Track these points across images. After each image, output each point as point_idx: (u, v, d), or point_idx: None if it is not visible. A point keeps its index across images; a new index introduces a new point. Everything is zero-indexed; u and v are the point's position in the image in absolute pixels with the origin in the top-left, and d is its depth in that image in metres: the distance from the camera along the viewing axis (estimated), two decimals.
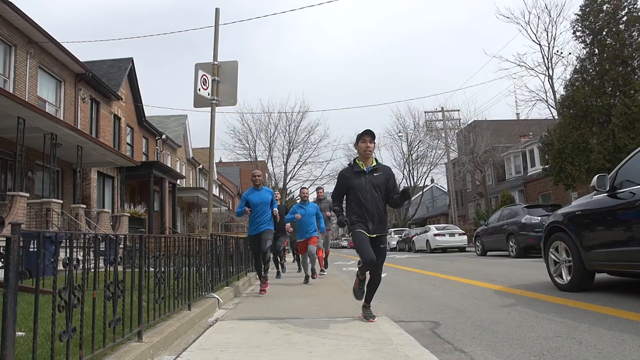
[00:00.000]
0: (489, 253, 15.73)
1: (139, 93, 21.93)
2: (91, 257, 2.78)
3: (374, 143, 4.29)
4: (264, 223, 6.61)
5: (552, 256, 5.95)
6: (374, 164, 4.26)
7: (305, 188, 9.02)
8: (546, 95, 24.04)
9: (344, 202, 4.38)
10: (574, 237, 5.52)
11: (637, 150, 5.18)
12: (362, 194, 4.12)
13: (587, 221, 5.40)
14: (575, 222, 5.57)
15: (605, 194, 5.17)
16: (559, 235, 5.87)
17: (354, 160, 4.32)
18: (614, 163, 15.04)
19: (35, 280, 2.16)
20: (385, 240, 4.29)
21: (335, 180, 4.55)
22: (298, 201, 8.80)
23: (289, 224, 8.35)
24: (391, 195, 4.31)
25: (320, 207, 9.00)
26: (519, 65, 35.61)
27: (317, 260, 8.39)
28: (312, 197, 11.95)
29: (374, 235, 4.11)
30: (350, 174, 4.28)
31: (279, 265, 9.34)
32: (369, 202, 4.11)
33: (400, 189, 4.38)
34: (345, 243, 58.35)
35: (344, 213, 4.27)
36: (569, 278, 5.60)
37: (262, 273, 6.67)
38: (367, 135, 4.22)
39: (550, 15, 31.20)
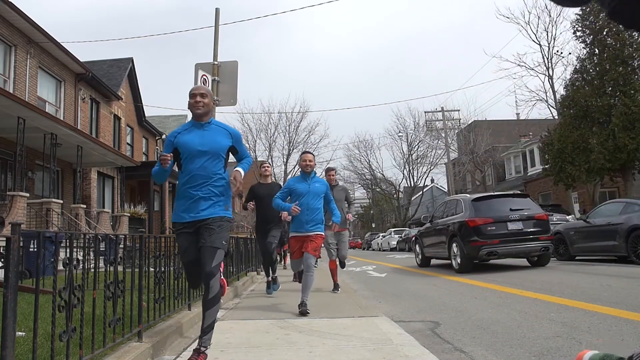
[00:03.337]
0: None
1: (139, 93, 21.93)
2: (91, 257, 2.78)
3: None
4: (214, 202, 3.11)
5: (417, 250, 11.89)
6: None
7: (308, 153, 5.30)
8: (546, 95, 24.08)
9: None
10: (420, 241, 11.46)
11: (442, 202, 11.44)
12: None
13: (424, 234, 11.28)
14: (421, 235, 11.54)
15: (429, 223, 10.91)
16: (417, 240, 11.85)
17: None
18: (614, 163, 15.09)
19: (35, 280, 2.16)
20: None
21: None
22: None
23: (286, 213, 5.34)
24: None
25: (334, 195, 5.90)
26: (519, 65, 35.74)
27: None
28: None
29: None
30: None
31: (272, 270, 6.38)
32: None
33: None
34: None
35: None
36: (419, 261, 11.60)
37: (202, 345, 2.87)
38: None
39: (550, 15, 31.13)
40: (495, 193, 10.99)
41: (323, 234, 5.10)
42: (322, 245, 5.65)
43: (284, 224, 6.96)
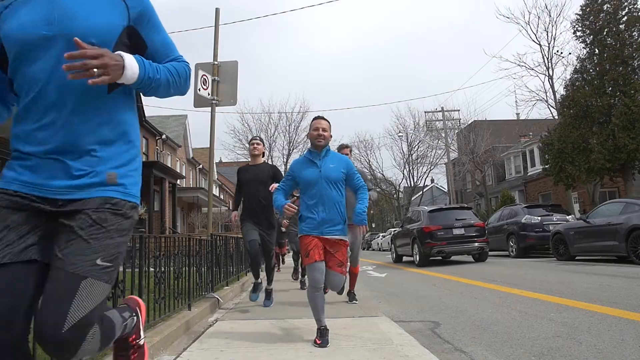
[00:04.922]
0: (490, 253, 15.75)
1: (139, 93, 21.92)
2: None
3: None
4: (89, 161, 1.48)
5: (392, 249, 14.72)
6: None
7: (322, 118, 3.65)
8: (546, 95, 24.01)
9: None
10: (395, 242, 14.15)
11: (411, 211, 16.80)
12: None
13: (397, 237, 14.10)
14: (394, 237, 14.50)
15: (400, 228, 13.97)
16: (393, 241, 14.50)
17: None
18: (614, 163, 15.08)
19: None
20: None
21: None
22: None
23: (285, 220, 3.93)
24: None
25: None
26: (519, 65, 35.65)
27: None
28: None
29: None
30: None
31: (267, 280, 5.33)
32: None
33: None
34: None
35: None
36: (393, 258, 14.21)
37: None
38: None
39: (550, 15, 31.12)
40: (445, 206, 14.17)
41: (347, 239, 3.54)
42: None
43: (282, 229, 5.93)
